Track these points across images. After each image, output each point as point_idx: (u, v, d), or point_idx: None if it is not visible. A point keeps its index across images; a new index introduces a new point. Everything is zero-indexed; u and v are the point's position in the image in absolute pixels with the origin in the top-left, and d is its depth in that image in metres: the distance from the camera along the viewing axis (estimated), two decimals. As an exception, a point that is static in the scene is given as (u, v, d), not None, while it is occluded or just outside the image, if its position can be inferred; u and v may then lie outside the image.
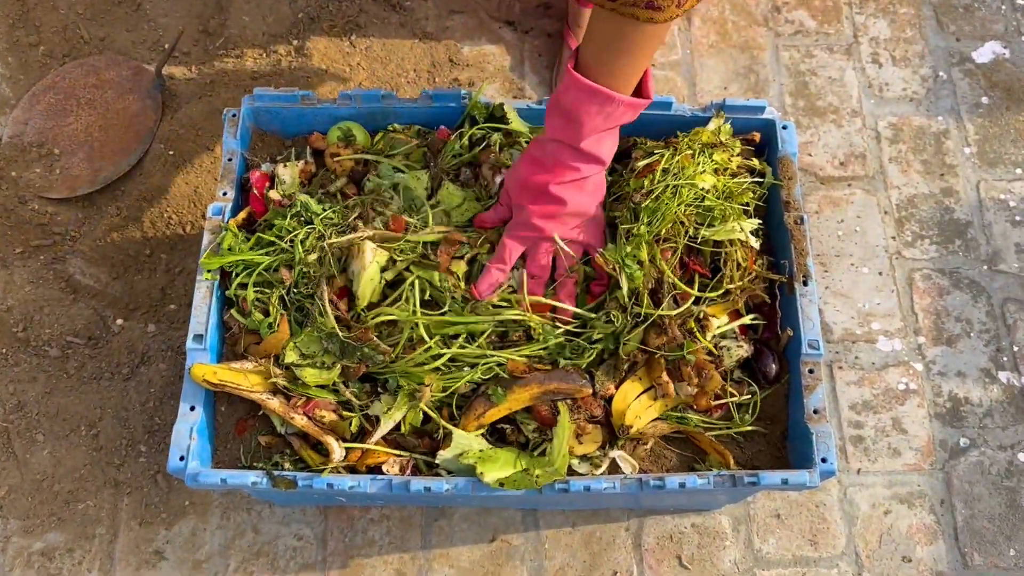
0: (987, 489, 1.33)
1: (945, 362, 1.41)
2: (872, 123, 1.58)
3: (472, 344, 1.02)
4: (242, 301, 1.06)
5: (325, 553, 1.27)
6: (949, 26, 1.66)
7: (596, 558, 1.27)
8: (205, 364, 1.02)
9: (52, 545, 1.27)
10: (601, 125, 0.99)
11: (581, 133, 0.99)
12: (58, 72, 1.54)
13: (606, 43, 0.93)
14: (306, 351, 1.02)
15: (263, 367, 1.03)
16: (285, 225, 1.08)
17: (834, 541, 1.30)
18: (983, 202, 1.52)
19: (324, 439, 1.00)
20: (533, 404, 1.03)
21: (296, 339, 1.02)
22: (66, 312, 1.38)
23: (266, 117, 1.18)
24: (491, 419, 1.02)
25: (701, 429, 1.07)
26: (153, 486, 1.30)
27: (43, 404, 1.33)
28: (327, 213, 1.09)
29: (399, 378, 1.01)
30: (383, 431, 1.02)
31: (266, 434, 1.05)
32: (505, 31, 1.62)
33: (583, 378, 1.03)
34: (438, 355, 1.01)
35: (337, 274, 1.06)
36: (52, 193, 1.45)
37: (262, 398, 1.01)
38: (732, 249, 1.09)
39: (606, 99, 0.96)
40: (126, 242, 1.42)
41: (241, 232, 1.10)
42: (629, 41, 0.92)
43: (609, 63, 0.95)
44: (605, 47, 0.94)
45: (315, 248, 1.06)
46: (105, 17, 1.59)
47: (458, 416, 1.04)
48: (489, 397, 1.01)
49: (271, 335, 1.03)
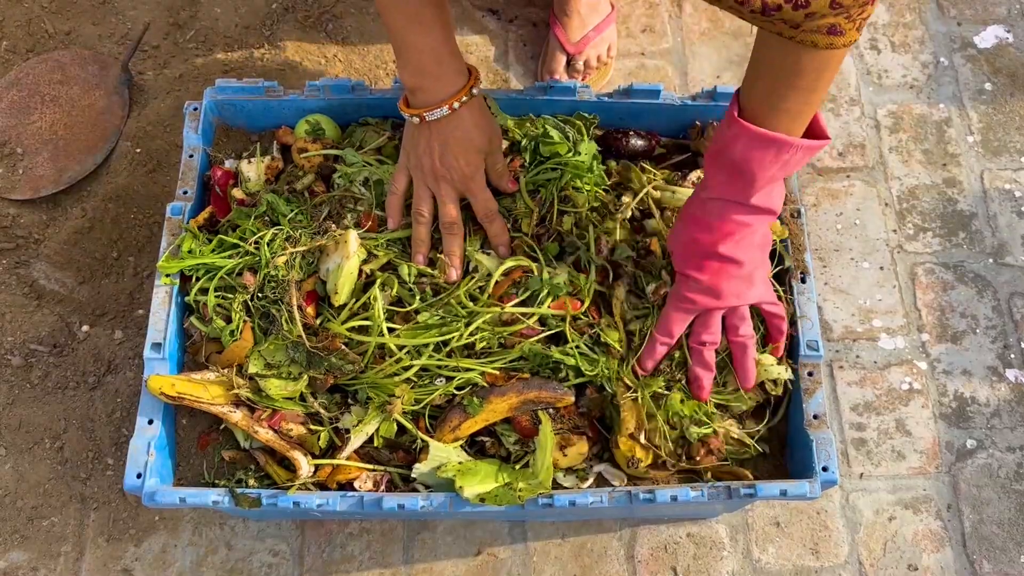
0: (996, 493, 1.27)
1: (950, 360, 1.35)
2: (871, 111, 1.51)
3: (443, 351, 0.96)
4: (203, 307, 0.99)
5: (302, 569, 1.21)
6: (950, 10, 1.59)
7: (587, 571, 1.21)
8: (163, 376, 0.96)
9: (15, 564, 1.20)
10: (776, 175, 0.88)
11: (754, 187, 0.88)
12: (21, 68, 1.47)
13: (780, 78, 0.83)
14: (271, 360, 0.95)
15: (225, 377, 0.96)
16: (249, 226, 1.02)
17: (836, 549, 1.24)
18: (987, 192, 1.46)
19: (290, 454, 0.94)
20: (512, 415, 0.96)
21: (260, 347, 0.96)
22: (29, 319, 1.32)
23: (231, 111, 1.12)
24: (467, 431, 0.96)
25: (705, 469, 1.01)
26: (121, 501, 1.23)
27: (5, 415, 1.27)
28: (294, 215, 1.02)
29: (368, 390, 0.95)
30: (354, 445, 0.95)
31: (230, 449, 0.99)
32: (489, 20, 1.55)
33: (565, 386, 0.97)
34: (409, 366, 0.94)
35: (306, 277, 0.99)
36: (15, 194, 1.38)
37: (223, 411, 0.95)
38: None
39: (783, 146, 0.84)
40: (92, 245, 1.36)
41: (203, 233, 1.03)
42: (806, 73, 0.81)
43: (784, 102, 0.84)
44: (779, 83, 0.83)
45: (282, 251, 0.99)
46: (71, 10, 1.53)
47: (432, 428, 0.97)
48: (465, 408, 0.95)
49: (234, 343, 0.96)
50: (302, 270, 0.99)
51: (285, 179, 1.08)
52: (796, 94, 0.83)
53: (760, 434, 1.03)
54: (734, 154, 0.87)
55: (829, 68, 0.82)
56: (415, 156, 1.00)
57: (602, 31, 1.46)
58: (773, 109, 0.85)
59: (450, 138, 0.97)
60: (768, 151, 0.85)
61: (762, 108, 0.85)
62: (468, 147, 0.98)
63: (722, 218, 0.92)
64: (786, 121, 0.85)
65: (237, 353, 0.96)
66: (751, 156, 0.86)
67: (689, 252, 0.95)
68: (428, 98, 0.96)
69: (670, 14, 1.57)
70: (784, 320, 1.01)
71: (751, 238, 0.93)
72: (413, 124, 0.99)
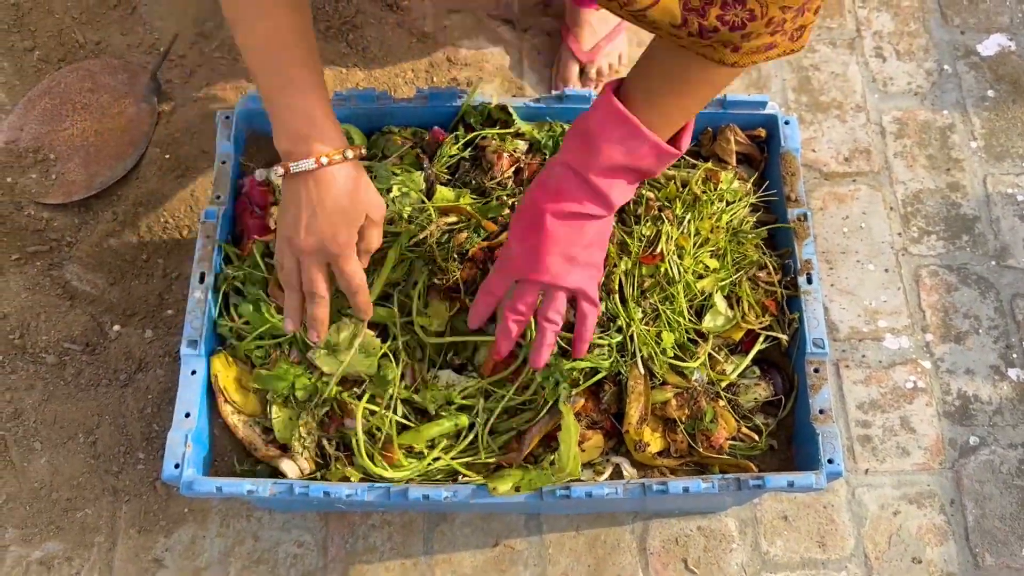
0: (998, 488, 1.31)
1: (953, 359, 1.39)
2: (876, 118, 1.56)
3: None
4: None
5: (326, 560, 1.25)
6: (953, 19, 1.64)
7: (601, 562, 1.26)
8: (225, 365, 1.02)
9: (51, 554, 1.25)
10: (618, 158, 0.87)
11: (594, 160, 0.87)
12: (53, 77, 1.53)
13: (663, 78, 0.85)
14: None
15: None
16: None
17: (843, 543, 1.28)
18: (990, 196, 1.50)
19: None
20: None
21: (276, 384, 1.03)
22: (63, 318, 1.37)
23: (261, 119, 1.17)
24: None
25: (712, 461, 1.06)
26: (152, 493, 1.28)
27: (40, 412, 1.32)
28: None
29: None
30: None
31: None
32: (504, 30, 1.60)
33: (576, 392, 1.01)
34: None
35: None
36: (48, 199, 1.43)
37: (235, 423, 1.02)
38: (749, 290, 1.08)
39: (634, 131, 0.85)
40: (123, 247, 1.41)
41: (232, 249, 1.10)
42: (690, 81, 0.84)
43: (658, 99, 0.86)
44: (661, 82, 0.85)
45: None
46: (100, 21, 1.58)
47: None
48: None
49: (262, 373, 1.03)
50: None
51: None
52: (672, 98, 0.86)
53: (769, 428, 1.07)
54: (590, 121, 0.88)
55: (714, 84, 0.86)
56: (282, 226, 0.93)
57: (613, 40, 1.50)
58: (646, 101, 0.86)
59: (320, 204, 0.89)
60: (618, 129, 0.86)
61: (639, 97, 0.87)
62: (338, 217, 0.90)
63: (559, 183, 0.90)
64: (649, 115, 0.86)
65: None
66: (602, 129, 0.87)
67: (524, 212, 0.93)
68: (302, 152, 0.90)
69: (680, 23, 1.61)
70: (590, 330, 0.96)
71: (582, 223, 0.90)
72: (284, 185, 0.92)
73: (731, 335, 1.08)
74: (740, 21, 0.75)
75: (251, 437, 1.03)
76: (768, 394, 1.08)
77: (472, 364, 1.05)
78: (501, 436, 1.02)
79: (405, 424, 1.02)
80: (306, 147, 0.88)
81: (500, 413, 1.02)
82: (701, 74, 0.84)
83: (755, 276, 1.11)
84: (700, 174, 1.13)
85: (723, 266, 1.08)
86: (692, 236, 1.09)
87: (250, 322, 1.05)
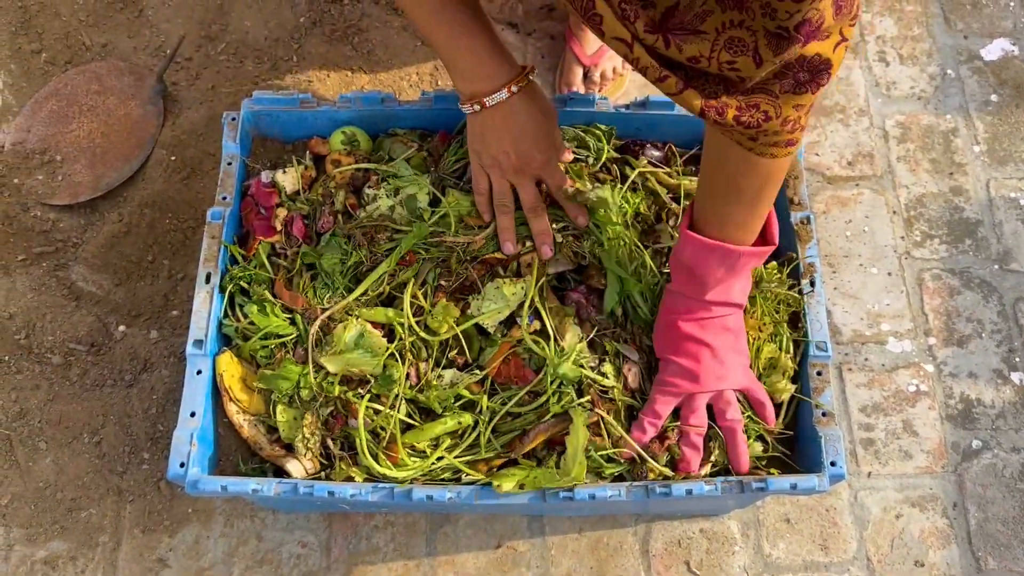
0: (1001, 492, 1.31)
1: (956, 363, 1.39)
2: (880, 122, 1.56)
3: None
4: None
5: (329, 560, 1.26)
6: (957, 23, 1.64)
7: (603, 564, 1.26)
8: (231, 363, 1.02)
9: (55, 553, 1.26)
10: (725, 277, 0.96)
11: (705, 288, 0.97)
12: (60, 79, 1.54)
13: (728, 191, 0.90)
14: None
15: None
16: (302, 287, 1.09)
17: (845, 546, 1.28)
18: (993, 201, 1.50)
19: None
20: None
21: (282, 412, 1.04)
22: (68, 319, 1.38)
23: (266, 121, 1.18)
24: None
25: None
26: (156, 493, 1.29)
27: (45, 411, 1.32)
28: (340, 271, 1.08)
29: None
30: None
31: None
32: (508, 33, 1.61)
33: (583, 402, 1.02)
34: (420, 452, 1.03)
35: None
36: (54, 200, 1.44)
37: (241, 423, 1.02)
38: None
39: (727, 254, 0.94)
40: (128, 248, 1.41)
41: (239, 250, 1.11)
42: (752, 183, 0.88)
43: (730, 214, 0.92)
44: (727, 196, 0.91)
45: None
46: (107, 23, 1.59)
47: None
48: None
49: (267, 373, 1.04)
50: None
51: (318, 187, 1.14)
52: (740, 207, 0.92)
53: (772, 432, 1.08)
54: (685, 258, 0.97)
55: (772, 179, 0.89)
56: (488, 155, 1.03)
57: (618, 44, 1.51)
58: (719, 219, 0.94)
59: (522, 127, 1.00)
60: (712, 256, 0.94)
61: (710, 218, 0.94)
62: (539, 133, 1.01)
63: (686, 308, 0.99)
64: (731, 230, 0.94)
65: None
66: (698, 261, 0.95)
67: (665, 337, 1.02)
68: (487, 90, 0.99)
69: (684, 27, 1.62)
70: (768, 406, 1.04)
71: (717, 324, 1.00)
72: (476, 118, 1.01)
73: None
74: (756, 121, 0.78)
75: (256, 436, 1.04)
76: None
77: (478, 365, 1.05)
78: (504, 436, 1.03)
79: (409, 424, 1.02)
80: (490, 84, 0.97)
81: (504, 415, 1.02)
82: (759, 171, 0.87)
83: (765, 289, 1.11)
84: None
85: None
86: None
87: (255, 322, 1.05)
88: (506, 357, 1.03)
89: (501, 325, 1.05)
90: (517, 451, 1.01)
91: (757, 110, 0.78)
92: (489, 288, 1.04)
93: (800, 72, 0.74)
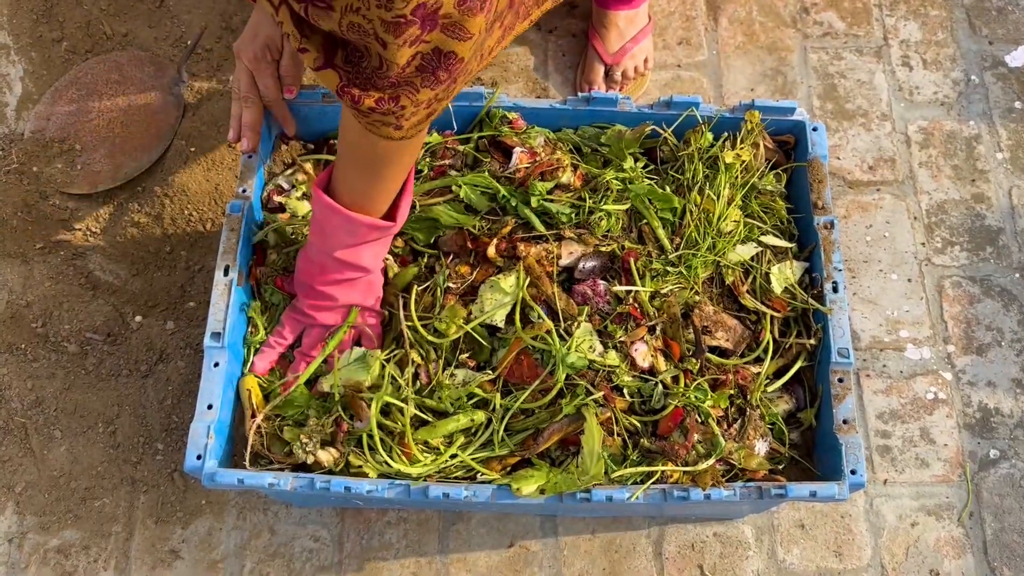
0: (1017, 502, 1.30)
1: (975, 372, 1.38)
2: (902, 127, 1.55)
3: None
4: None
5: (341, 555, 1.25)
6: (982, 29, 1.62)
7: (616, 566, 1.25)
8: (255, 383, 1.05)
9: (68, 542, 1.26)
10: (349, 240, 1.00)
11: (331, 244, 1.01)
12: (80, 68, 1.54)
13: (356, 162, 0.94)
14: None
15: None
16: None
17: (859, 553, 1.27)
18: (1015, 208, 1.49)
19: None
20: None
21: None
22: (85, 308, 1.38)
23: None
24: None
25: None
26: (170, 484, 1.29)
27: (61, 400, 1.33)
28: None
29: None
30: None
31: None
32: (529, 31, 1.60)
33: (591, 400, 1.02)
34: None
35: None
36: (73, 189, 1.44)
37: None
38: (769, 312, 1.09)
39: (346, 219, 0.98)
40: (146, 239, 1.41)
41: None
42: (368, 154, 0.92)
43: (354, 180, 0.96)
44: (353, 166, 0.95)
45: None
46: (128, 13, 1.59)
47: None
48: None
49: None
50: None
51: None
52: (361, 177, 0.95)
53: (792, 439, 1.07)
54: (316, 213, 1.01)
55: (389, 159, 0.92)
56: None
57: (639, 42, 1.50)
58: (347, 184, 0.97)
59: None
60: (333, 218, 0.98)
61: (340, 183, 0.98)
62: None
63: (319, 263, 1.03)
64: (357, 197, 0.97)
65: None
66: (325, 220, 1.00)
67: (298, 283, 1.08)
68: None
69: (706, 27, 1.61)
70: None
71: (350, 283, 1.05)
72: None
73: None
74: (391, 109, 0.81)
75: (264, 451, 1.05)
76: (791, 407, 1.07)
77: (491, 367, 1.05)
78: (518, 435, 1.02)
79: (422, 420, 1.02)
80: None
81: (517, 413, 1.02)
82: (364, 144, 0.90)
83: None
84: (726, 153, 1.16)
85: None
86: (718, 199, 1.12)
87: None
88: (518, 357, 1.02)
89: (510, 326, 1.04)
90: (531, 451, 1.00)
91: (396, 103, 0.80)
92: (484, 289, 1.06)
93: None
